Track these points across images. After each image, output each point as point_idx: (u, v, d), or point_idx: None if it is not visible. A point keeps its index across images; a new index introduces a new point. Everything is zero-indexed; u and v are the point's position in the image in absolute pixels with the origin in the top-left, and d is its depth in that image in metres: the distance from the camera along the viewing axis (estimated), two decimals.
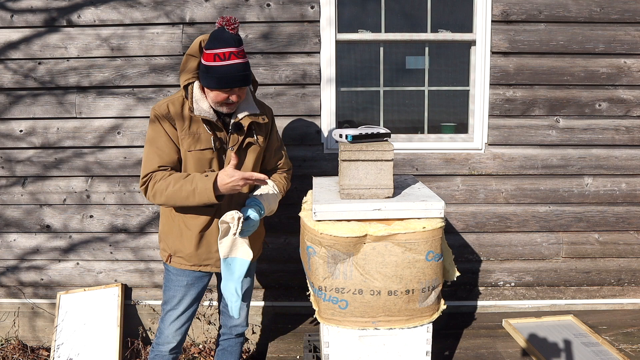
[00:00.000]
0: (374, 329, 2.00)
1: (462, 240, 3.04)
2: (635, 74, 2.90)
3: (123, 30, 2.86)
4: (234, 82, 1.92)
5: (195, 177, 1.94)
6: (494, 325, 2.87)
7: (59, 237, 3.06)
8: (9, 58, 2.89)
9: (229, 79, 1.90)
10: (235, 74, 1.91)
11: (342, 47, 2.96)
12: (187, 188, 1.92)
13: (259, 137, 2.13)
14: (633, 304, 3.11)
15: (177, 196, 1.94)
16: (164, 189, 1.95)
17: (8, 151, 2.99)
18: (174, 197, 1.95)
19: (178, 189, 1.93)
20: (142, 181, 2.01)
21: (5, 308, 3.16)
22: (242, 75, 1.93)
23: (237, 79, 1.92)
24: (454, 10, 2.96)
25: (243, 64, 1.93)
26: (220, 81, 1.91)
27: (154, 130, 2.01)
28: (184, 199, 1.94)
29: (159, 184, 1.96)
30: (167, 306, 2.20)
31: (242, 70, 1.92)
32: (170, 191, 1.94)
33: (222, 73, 1.90)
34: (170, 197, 1.95)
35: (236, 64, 1.90)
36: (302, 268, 2.32)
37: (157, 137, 2.01)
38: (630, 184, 3.00)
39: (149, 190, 1.99)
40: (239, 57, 1.92)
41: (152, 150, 2.01)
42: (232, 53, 1.89)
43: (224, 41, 1.90)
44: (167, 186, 1.95)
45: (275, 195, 2.19)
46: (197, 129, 2.02)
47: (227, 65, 1.89)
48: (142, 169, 2.02)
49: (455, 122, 3.07)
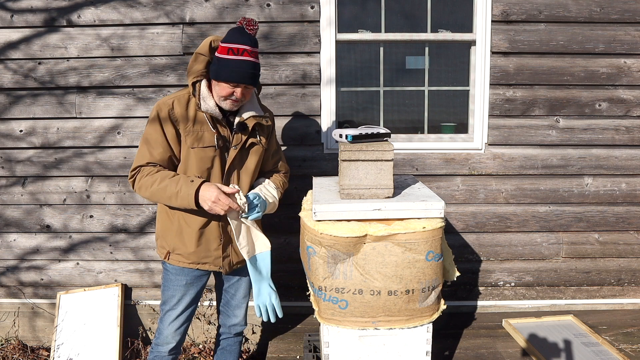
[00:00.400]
0: (374, 329, 2.00)
1: (462, 240, 3.04)
2: (635, 74, 2.90)
3: (123, 30, 2.86)
4: (241, 77, 1.96)
5: (180, 180, 1.96)
6: (494, 325, 2.87)
7: (59, 237, 3.06)
8: (9, 58, 2.89)
9: (237, 73, 1.95)
10: (245, 70, 1.95)
11: (342, 47, 2.96)
12: (172, 189, 1.95)
13: (262, 138, 2.15)
14: (633, 304, 3.11)
15: (161, 195, 1.98)
16: (149, 185, 1.98)
17: (8, 151, 2.99)
18: (158, 194, 1.98)
19: (162, 188, 1.96)
20: (130, 173, 2.05)
21: (5, 308, 3.16)
22: (250, 74, 1.97)
23: (245, 76, 1.96)
24: (454, 10, 2.96)
25: (253, 63, 1.98)
26: (229, 74, 1.95)
27: (153, 127, 2.03)
28: (167, 199, 1.98)
29: (145, 178, 2.00)
30: (166, 306, 2.20)
31: (251, 68, 1.97)
32: (155, 189, 1.97)
33: (232, 66, 1.94)
34: (154, 194, 1.99)
35: (247, 61, 1.96)
36: (302, 268, 2.32)
37: (154, 133, 2.03)
38: (630, 184, 3.00)
39: (136, 183, 2.03)
40: (251, 56, 1.97)
41: (145, 146, 2.05)
42: (245, 50, 1.95)
43: (241, 38, 1.96)
44: (153, 183, 1.98)
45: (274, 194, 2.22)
46: (201, 127, 2.05)
47: (238, 60, 1.94)
48: (134, 161, 2.06)
49: (455, 122, 3.07)
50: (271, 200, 2.17)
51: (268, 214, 2.20)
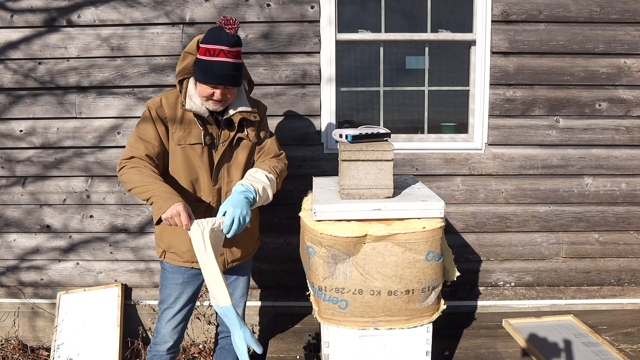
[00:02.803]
0: (374, 329, 2.00)
1: (462, 240, 3.04)
2: (635, 74, 2.90)
3: (123, 30, 2.86)
4: (218, 79, 1.94)
5: (157, 190, 1.85)
6: (494, 325, 2.87)
7: (59, 237, 3.06)
8: (9, 58, 2.89)
9: (213, 75, 1.93)
10: (221, 71, 1.93)
11: (342, 47, 2.96)
12: (146, 195, 1.87)
13: (250, 131, 2.14)
14: (633, 304, 3.10)
15: (140, 195, 1.91)
16: (131, 181, 1.92)
17: (8, 151, 2.99)
18: (137, 193, 1.91)
19: (142, 191, 1.89)
20: (119, 164, 2.00)
21: (5, 308, 3.16)
22: (228, 75, 1.95)
23: (222, 77, 1.94)
24: (454, 10, 2.96)
25: (232, 64, 1.95)
26: (205, 75, 1.94)
27: (143, 125, 2.04)
28: (144, 200, 1.91)
29: (132, 173, 1.93)
30: (163, 305, 2.20)
31: (229, 69, 1.94)
32: (136, 188, 1.90)
33: (208, 68, 1.93)
34: (134, 191, 1.92)
35: (223, 62, 1.93)
36: (302, 268, 2.32)
37: (145, 128, 2.03)
38: (630, 184, 3.00)
39: (123, 173, 1.96)
40: (229, 57, 1.94)
41: (136, 139, 2.02)
42: (222, 51, 1.92)
43: (218, 39, 1.93)
44: (136, 182, 1.90)
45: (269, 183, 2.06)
46: (189, 124, 2.05)
47: (214, 61, 1.93)
48: (124, 152, 2.02)
49: (455, 122, 3.07)
50: (261, 188, 2.00)
51: (267, 214, 2.19)
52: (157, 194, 1.84)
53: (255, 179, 2.03)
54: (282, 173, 2.21)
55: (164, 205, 1.80)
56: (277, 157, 2.24)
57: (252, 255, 2.33)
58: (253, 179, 2.03)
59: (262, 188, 2.01)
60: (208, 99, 2.00)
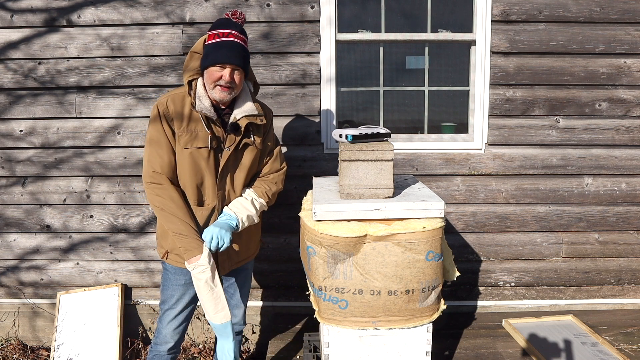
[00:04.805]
0: (374, 329, 2.00)
1: (462, 240, 3.04)
2: (635, 74, 2.90)
3: (123, 30, 2.86)
4: (227, 57, 1.94)
5: (185, 233, 1.97)
6: (494, 325, 2.87)
7: (59, 237, 3.06)
8: (9, 58, 2.89)
9: (223, 53, 1.93)
10: (230, 49, 1.94)
11: (342, 47, 2.96)
12: (173, 233, 1.98)
13: (256, 137, 2.13)
14: (633, 304, 3.11)
15: (166, 225, 2.01)
16: (161, 209, 1.99)
17: (8, 151, 2.99)
18: (164, 222, 2.01)
19: (168, 223, 1.99)
20: (148, 177, 2.01)
21: (5, 308, 3.16)
22: (237, 53, 1.96)
23: (231, 55, 1.94)
24: (454, 10, 2.96)
25: (240, 44, 1.98)
26: (215, 55, 1.94)
27: (156, 129, 2.02)
28: (169, 231, 2.02)
29: (164, 199, 1.99)
30: (164, 305, 2.20)
31: (237, 47, 1.96)
32: (164, 218, 1.99)
33: (218, 47, 1.94)
34: (161, 219, 2.04)
35: (233, 42, 1.96)
36: (302, 268, 2.32)
37: (155, 133, 2.02)
38: (630, 184, 3.00)
39: (152, 194, 2.01)
40: (237, 38, 1.97)
41: (151, 148, 2.02)
42: (230, 33, 1.96)
43: (226, 25, 1.98)
44: (166, 214, 1.98)
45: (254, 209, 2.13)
46: (196, 127, 2.02)
47: (223, 41, 1.95)
48: (146, 165, 2.02)
49: (455, 122, 3.07)
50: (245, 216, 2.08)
51: (267, 214, 2.19)
52: (184, 235, 1.96)
53: (240, 208, 2.09)
54: (274, 195, 2.25)
55: (189, 254, 1.95)
56: (277, 171, 2.26)
57: (255, 256, 2.33)
58: (238, 208, 2.08)
59: (247, 216, 2.09)
60: (216, 85, 1.97)
